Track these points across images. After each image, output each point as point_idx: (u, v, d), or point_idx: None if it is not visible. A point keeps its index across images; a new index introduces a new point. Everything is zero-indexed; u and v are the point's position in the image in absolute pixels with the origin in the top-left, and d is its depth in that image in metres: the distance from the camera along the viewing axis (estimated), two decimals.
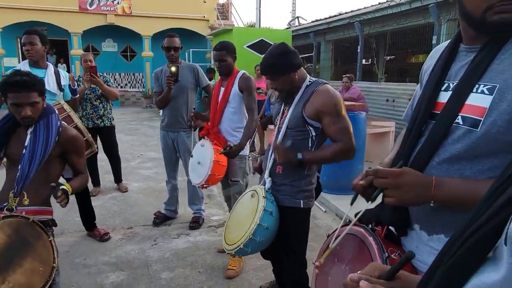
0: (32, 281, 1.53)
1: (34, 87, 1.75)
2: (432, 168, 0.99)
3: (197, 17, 15.26)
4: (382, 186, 0.94)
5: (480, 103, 0.91)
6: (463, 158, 0.94)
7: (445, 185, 0.91)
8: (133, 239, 3.41)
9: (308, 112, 1.84)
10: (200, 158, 2.76)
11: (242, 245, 1.80)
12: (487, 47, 0.94)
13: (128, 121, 10.96)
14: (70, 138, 1.91)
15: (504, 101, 0.87)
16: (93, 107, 4.33)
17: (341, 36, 10.50)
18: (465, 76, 0.96)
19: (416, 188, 0.91)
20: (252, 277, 2.81)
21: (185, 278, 2.77)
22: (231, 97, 2.83)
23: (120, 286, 2.67)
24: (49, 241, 1.65)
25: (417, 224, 1.04)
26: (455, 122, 0.94)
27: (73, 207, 3.87)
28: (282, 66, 1.85)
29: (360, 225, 1.11)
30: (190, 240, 3.39)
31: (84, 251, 3.18)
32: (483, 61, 0.93)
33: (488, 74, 0.92)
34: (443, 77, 1.02)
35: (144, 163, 6.21)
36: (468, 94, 0.94)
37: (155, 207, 4.04)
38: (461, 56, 1.02)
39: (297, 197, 1.95)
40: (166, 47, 3.35)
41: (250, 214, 1.88)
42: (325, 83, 1.91)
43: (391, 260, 0.98)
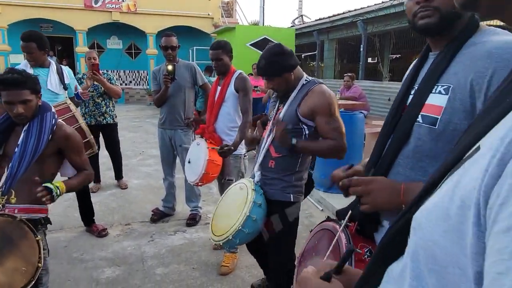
0: (12, 280, 1.53)
1: (25, 84, 1.74)
2: (398, 165, 1.06)
3: (202, 14, 15.28)
4: (357, 194, 1.02)
5: (438, 102, 0.98)
6: (425, 155, 1.00)
7: (413, 190, 0.96)
8: (130, 235, 3.46)
9: (302, 111, 1.87)
10: (195, 156, 2.80)
11: (231, 236, 1.84)
12: (443, 52, 1.02)
13: (132, 118, 11.05)
14: (64, 136, 1.91)
15: (458, 100, 0.94)
16: (95, 105, 4.38)
17: (345, 34, 10.48)
18: (425, 78, 1.05)
19: (384, 193, 0.99)
20: (245, 274, 2.85)
21: (179, 274, 2.82)
22: (227, 97, 2.86)
23: (115, 281, 2.72)
24: (36, 241, 1.64)
25: (386, 221, 1.11)
26: (416, 121, 1.02)
27: (73, 203, 3.94)
28: (278, 67, 1.88)
29: (335, 220, 1.20)
30: (186, 237, 3.43)
31: (82, 246, 3.23)
32: (440, 64, 1.00)
33: (445, 75, 0.99)
34: (413, 82, 1.10)
35: (145, 160, 6.27)
36: (427, 94, 1.01)
37: (153, 204, 4.09)
38: (428, 61, 1.10)
39: (287, 191, 1.99)
40: (163, 46, 3.39)
41: (239, 206, 1.92)
42: (320, 83, 1.94)
43: (356, 254, 1.06)
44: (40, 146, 1.80)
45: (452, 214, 0.38)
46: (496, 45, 0.92)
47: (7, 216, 1.65)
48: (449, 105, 0.96)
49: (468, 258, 0.36)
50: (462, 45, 0.99)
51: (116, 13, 14.37)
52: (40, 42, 3.04)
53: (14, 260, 1.57)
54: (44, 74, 3.13)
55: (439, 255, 0.40)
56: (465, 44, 0.98)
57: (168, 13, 14.73)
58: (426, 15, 0.98)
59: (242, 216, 1.83)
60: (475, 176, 0.37)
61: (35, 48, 3.01)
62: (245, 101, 2.83)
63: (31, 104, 1.80)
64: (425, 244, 0.43)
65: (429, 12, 0.97)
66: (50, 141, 1.86)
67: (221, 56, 2.83)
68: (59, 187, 1.75)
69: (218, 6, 15.56)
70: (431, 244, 0.41)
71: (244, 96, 2.83)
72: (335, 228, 1.15)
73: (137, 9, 14.51)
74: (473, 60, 0.94)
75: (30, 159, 1.78)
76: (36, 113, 1.86)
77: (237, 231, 1.82)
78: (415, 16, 1.01)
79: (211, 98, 2.98)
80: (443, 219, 0.40)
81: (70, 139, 1.95)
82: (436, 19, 0.98)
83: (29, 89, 1.78)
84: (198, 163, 2.70)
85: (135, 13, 14.56)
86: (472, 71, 0.92)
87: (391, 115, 1.12)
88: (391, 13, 7.89)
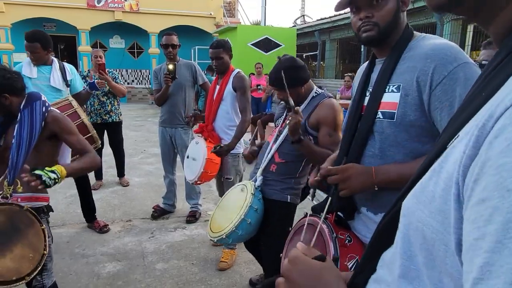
0: (20, 266, 1.61)
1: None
2: (369, 157, 1.20)
3: (204, 14, 15.35)
4: (335, 182, 1.15)
5: (392, 99, 1.16)
6: (391, 145, 1.16)
7: (381, 171, 1.15)
8: (131, 231, 3.52)
9: (310, 123, 1.94)
10: (194, 155, 2.84)
11: (225, 235, 1.92)
12: (388, 58, 1.20)
13: (134, 117, 11.12)
14: (52, 119, 1.92)
15: (409, 96, 1.12)
16: (101, 103, 4.44)
17: (346, 34, 10.52)
18: (377, 80, 1.22)
19: (360, 177, 1.15)
20: (244, 269, 2.90)
21: (179, 269, 2.87)
22: (225, 95, 2.89)
23: (115, 275, 2.78)
24: (41, 229, 1.71)
25: (363, 207, 1.26)
26: (377, 117, 1.18)
27: (75, 199, 4.01)
28: (290, 80, 1.89)
29: (315, 215, 1.30)
30: (186, 234, 3.49)
31: (83, 242, 3.29)
32: (388, 68, 1.19)
33: (394, 76, 1.17)
34: (366, 86, 1.27)
35: (147, 158, 6.34)
36: (382, 94, 1.18)
37: (154, 201, 4.15)
38: (377, 67, 1.28)
39: (285, 192, 2.06)
40: (164, 45, 3.45)
41: (237, 208, 1.99)
42: (330, 97, 2.01)
43: (339, 240, 1.18)
44: (34, 134, 1.84)
45: (437, 196, 0.43)
46: (431, 47, 1.10)
47: (15, 205, 1.72)
48: (402, 100, 1.12)
49: (451, 234, 0.39)
50: (403, 50, 1.17)
51: (118, 12, 14.46)
52: (44, 42, 3.09)
53: (22, 247, 1.65)
54: (47, 71, 3.19)
55: (428, 234, 0.44)
56: (405, 49, 1.17)
57: (170, 12, 14.81)
58: (368, 29, 1.17)
59: (237, 218, 1.91)
60: (455, 159, 0.41)
61: (39, 48, 3.06)
62: (243, 100, 2.86)
63: None
64: (414, 226, 0.47)
65: (369, 27, 1.16)
66: (44, 129, 1.89)
67: (221, 55, 2.85)
68: (56, 171, 1.73)
69: (220, 6, 15.62)
70: (420, 225, 0.45)
71: (241, 95, 2.86)
72: (315, 222, 1.23)
73: (140, 8, 14.60)
74: (415, 62, 1.12)
75: (26, 148, 1.82)
76: (24, 105, 1.88)
77: (231, 231, 1.91)
78: (359, 30, 1.19)
79: (210, 97, 3.03)
80: (429, 202, 0.44)
81: (58, 120, 1.93)
82: (375, 32, 1.16)
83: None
84: (197, 162, 2.74)
85: (137, 12, 14.64)
86: (416, 70, 1.10)
87: (351, 115, 1.29)
88: None
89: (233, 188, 2.22)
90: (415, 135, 1.13)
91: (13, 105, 1.87)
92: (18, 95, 1.89)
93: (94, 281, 2.70)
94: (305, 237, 1.22)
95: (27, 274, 1.62)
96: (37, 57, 3.10)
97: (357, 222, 1.28)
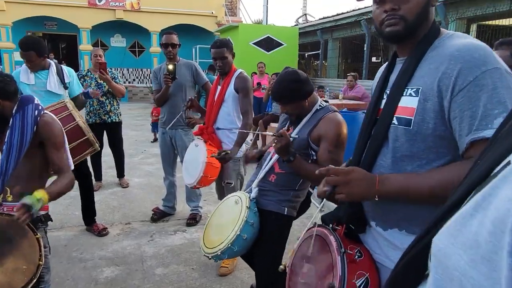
0: (13, 280, 1.52)
1: None
2: (380, 166, 1.10)
3: (205, 13, 15.27)
4: (333, 184, 1.04)
5: (409, 104, 1.03)
6: (404, 155, 1.05)
7: (386, 180, 1.03)
8: (130, 234, 3.45)
9: (312, 137, 1.84)
10: (193, 158, 2.76)
11: (220, 252, 1.84)
12: (410, 57, 1.08)
13: (135, 116, 11.06)
14: (43, 123, 1.81)
15: (427, 101, 0.99)
16: (100, 103, 4.38)
17: (349, 34, 10.43)
18: (395, 82, 1.10)
19: (362, 183, 1.02)
20: (245, 275, 2.83)
21: (179, 274, 2.81)
22: (226, 97, 2.80)
23: (114, 281, 2.71)
24: (35, 239, 1.62)
25: (373, 221, 1.15)
26: (392, 123, 1.06)
27: (73, 202, 3.95)
28: (292, 95, 1.83)
29: (324, 226, 1.20)
30: (186, 237, 3.42)
31: (81, 245, 3.23)
32: (408, 68, 1.06)
33: (414, 79, 1.05)
34: (384, 87, 1.16)
35: (147, 158, 6.27)
36: (399, 97, 1.06)
37: (154, 203, 4.08)
38: (396, 67, 1.16)
39: (282, 204, 1.98)
40: (164, 44, 3.38)
41: (231, 222, 1.90)
42: (334, 111, 1.89)
43: (347, 255, 1.07)
44: (25, 139, 1.75)
45: (481, 241, 0.34)
46: (457, 47, 0.98)
47: (5, 215, 1.63)
48: (420, 106, 1.00)
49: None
50: (427, 50, 1.05)
51: (119, 11, 14.40)
52: (38, 50, 3.00)
53: (14, 259, 1.56)
54: (44, 76, 3.14)
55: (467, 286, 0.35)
56: (429, 48, 1.05)
57: (171, 11, 14.75)
58: (393, 23, 1.04)
59: (232, 234, 1.82)
60: (508, 196, 0.32)
61: (34, 55, 2.98)
62: (245, 102, 2.77)
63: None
64: (449, 274, 0.38)
65: (395, 20, 1.04)
66: (36, 133, 1.79)
67: (225, 54, 2.75)
68: (42, 199, 1.64)
69: (222, 5, 15.54)
70: (457, 274, 0.37)
71: (244, 97, 2.77)
72: (324, 233, 1.15)
73: (141, 7, 14.54)
74: (438, 63, 1.00)
75: (17, 154, 1.74)
76: (17, 109, 1.79)
77: (226, 248, 1.83)
78: (382, 24, 1.07)
79: (211, 98, 2.94)
80: (470, 246, 0.35)
81: (46, 127, 1.81)
82: (401, 27, 1.04)
83: None
84: (196, 165, 2.65)
85: (138, 11, 14.58)
86: (438, 73, 0.98)
87: (367, 119, 1.17)
88: None
89: (226, 199, 2.13)
90: (433, 146, 1.01)
91: (5, 110, 1.79)
92: (11, 100, 1.81)
93: (92, 287, 2.63)
94: (312, 250, 1.16)
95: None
96: (33, 65, 3.05)
97: (367, 235, 1.18)
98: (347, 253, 1.06)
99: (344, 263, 1.04)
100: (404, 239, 1.05)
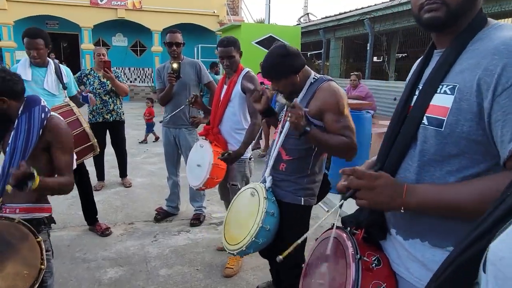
0: (14, 285, 1.47)
1: None
2: (405, 170, 1.01)
3: (207, 12, 15.23)
4: (355, 187, 0.96)
5: (443, 103, 0.92)
6: (432, 159, 0.95)
7: (415, 191, 0.92)
8: (134, 234, 3.42)
9: (311, 111, 1.79)
10: (199, 159, 2.71)
11: (245, 247, 1.80)
12: (449, 49, 0.96)
13: (136, 116, 11.01)
14: (51, 127, 1.77)
15: (464, 100, 0.88)
16: (103, 102, 4.35)
17: (351, 33, 10.38)
18: (429, 77, 0.99)
19: (388, 192, 0.93)
20: (250, 276, 2.80)
21: (183, 275, 2.77)
22: (233, 96, 2.74)
23: (117, 281, 2.68)
24: (36, 242, 1.57)
25: (393, 229, 1.06)
26: (422, 123, 0.96)
27: (76, 201, 3.91)
28: (282, 69, 1.80)
29: (343, 229, 1.13)
30: (190, 237, 3.39)
31: (85, 245, 3.20)
32: (445, 62, 0.95)
33: (451, 74, 0.93)
34: (417, 82, 1.05)
35: (149, 158, 6.24)
36: (432, 95, 0.95)
37: (157, 203, 4.05)
38: (433, 60, 1.04)
39: (298, 194, 1.93)
40: (168, 43, 3.34)
41: (251, 215, 1.86)
42: (329, 80, 1.85)
43: (363, 262, 1.00)
44: (30, 142, 1.71)
45: None
46: (503, 40, 0.85)
47: (4, 218, 1.58)
48: (455, 106, 0.89)
49: None
50: (469, 41, 0.92)
51: (121, 10, 14.36)
52: (46, 39, 3.03)
53: (14, 264, 1.51)
54: (42, 74, 3.11)
55: None
56: (471, 40, 0.92)
57: (173, 10, 14.70)
58: (433, 8, 0.92)
59: (255, 227, 1.78)
60: None
61: (43, 44, 3.00)
62: None
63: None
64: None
65: (436, 5, 0.92)
66: (42, 136, 1.76)
67: (232, 53, 2.69)
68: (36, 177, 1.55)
69: (224, 4, 15.50)
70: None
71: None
72: (341, 236, 1.09)
73: (142, 6, 14.49)
74: (479, 57, 0.87)
75: (20, 157, 1.69)
76: (23, 110, 1.75)
77: (251, 241, 1.78)
78: (421, 9, 0.95)
79: (217, 98, 2.89)
80: None
81: (54, 130, 1.78)
82: (443, 13, 0.92)
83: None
84: (202, 167, 2.60)
85: (140, 10, 14.54)
86: (479, 69, 0.86)
87: (397, 116, 1.06)
88: (399, 11, 7.78)
89: (241, 192, 2.09)
90: (467, 151, 0.89)
91: (12, 110, 1.75)
92: (17, 99, 1.77)
93: None
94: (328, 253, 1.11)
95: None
96: (41, 54, 3.03)
97: (387, 243, 1.09)
98: (363, 260, 0.99)
99: (359, 270, 0.97)
100: (426, 251, 0.96)
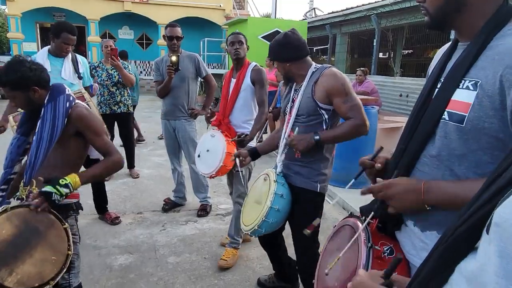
0: (43, 270, 1.52)
1: (4, 84, 1.72)
2: (424, 164, 1.01)
3: (213, 6, 15.23)
4: (381, 199, 1.02)
5: (465, 98, 0.91)
6: (451, 154, 0.95)
7: (433, 189, 0.94)
8: (142, 223, 3.50)
9: (318, 97, 1.90)
10: (211, 148, 2.78)
11: (257, 226, 1.93)
12: (472, 43, 0.94)
13: (142, 108, 11.11)
14: (77, 116, 1.80)
15: (486, 97, 0.87)
16: (110, 94, 4.42)
17: (358, 28, 10.36)
18: (451, 71, 0.98)
19: (406, 196, 0.97)
20: (256, 265, 2.88)
21: (191, 263, 2.85)
22: (243, 89, 2.84)
23: (128, 268, 2.76)
24: (63, 228, 1.61)
25: (410, 221, 1.06)
26: (442, 118, 0.95)
27: (86, 190, 3.97)
28: (275, 55, 2.02)
29: (357, 217, 1.17)
30: (198, 227, 3.46)
31: (95, 233, 3.29)
32: (468, 57, 0.93)
33: (473, 69, 0.91)
34: (440, 75, 1.03)
35: (156, 150, 6.32)
36: (453, 89, 0.94)
37: (164, 194, 4.13)
38: (457, 53, 1.02)
39: (315, 179, 2.01)
40: (168, 37, 3.42)
41: (263, 197, 2.00)
42: (330, 67, 1.98)
43: (374, 251, 1.03)
44: (56, 131, 1.74)
45: None
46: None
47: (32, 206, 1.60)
48: (477, 102, 0.87)
49: None
50: (493, 36, 0.90)
51: (128, 3, 14.40)
52: None
53: (42, 250, 1.55)
54: (59, 64, 3.17)
55: None
56: (496, 35, 0.90)
57: (179, 4, 14.72)
58: (424, 14, 1.00)
59: (265, 208, 1.91)
60: None
61: (75, 40, 3.09)
62: (261, 92, 2.83)
63: (17, 100, 1.76)
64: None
65: (424, 12, 0.99)
66: (67, 124, 1.78)
67: (242, 40, 2.85)
68: (70, 184, 1.62)
69: None
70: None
71: (260, 88, 2.83)
72: (356, 225, 1.13)
73: None
74: (503, 54, 0.86)
75: (47, 145, 1.72)
76: (49, 99, 1.78)
77: (261, 221, 1.91)
78: None
79: (225, 90, 2.96)
80: None
81: (83, 119, 1.80)
82: (428, 19, 0.99)
83: (9, 87, 1.71)
84: (216, 156, 2.68)
85: (147, 3, 14.57)
86: (502, 66, 0.84)
87: (417, 109, 1.05)
88: (406, 7, 7.77)
89: (256, 180, 2.22)
90: (487, 147, 0.89)
91: (41, 99, 1.78)
92: (46, 88, 1.80)
93: (107, 274, 2.68)
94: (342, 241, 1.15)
95: (51, 279, 1.53)
96: (68, 51, 3.12)
97: (403, 234, 1.09)
98: (374, 249, 1.03)
99: (369, 258, 1.01)
100: None
